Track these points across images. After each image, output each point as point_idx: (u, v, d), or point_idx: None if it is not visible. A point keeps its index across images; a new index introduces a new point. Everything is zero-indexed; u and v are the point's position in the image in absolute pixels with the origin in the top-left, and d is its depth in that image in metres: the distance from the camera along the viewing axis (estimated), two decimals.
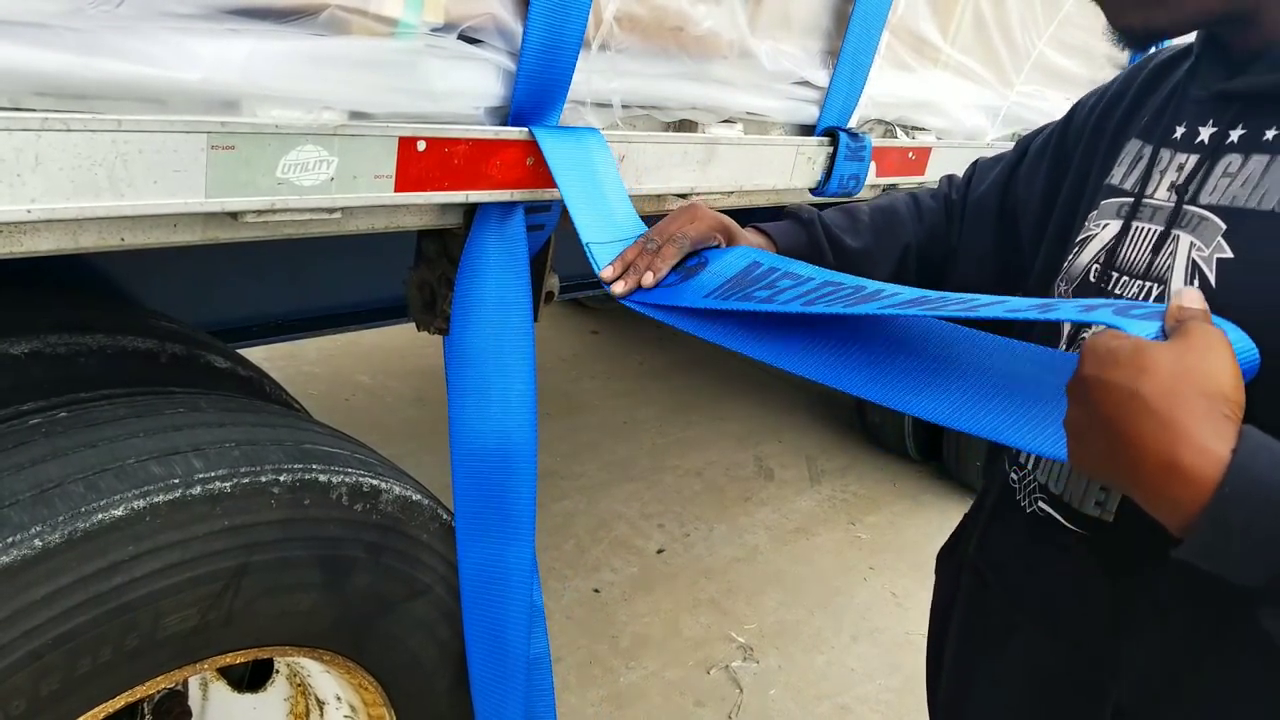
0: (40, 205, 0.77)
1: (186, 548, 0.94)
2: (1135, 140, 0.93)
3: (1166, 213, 0.84)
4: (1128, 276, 0.86)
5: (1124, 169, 0.92)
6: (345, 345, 3.97)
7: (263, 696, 1.42)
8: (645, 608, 2.70)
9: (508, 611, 1.30)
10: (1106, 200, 0.92)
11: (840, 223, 1.22)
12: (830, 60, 1.64)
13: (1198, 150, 0.84)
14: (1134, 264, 0.86)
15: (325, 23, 0.90)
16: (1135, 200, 0.88)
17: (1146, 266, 0.85)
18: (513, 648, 1.33)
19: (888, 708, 2.49)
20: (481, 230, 1.18)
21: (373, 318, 1.86)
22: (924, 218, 1.24)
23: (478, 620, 1.28)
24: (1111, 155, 0.96)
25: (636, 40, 1.25)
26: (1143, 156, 0.91)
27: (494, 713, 1.34)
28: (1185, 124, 0.87)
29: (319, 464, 1.06)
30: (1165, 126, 0.89)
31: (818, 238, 1.19)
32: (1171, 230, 0.83)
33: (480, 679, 1.32)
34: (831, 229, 1.20)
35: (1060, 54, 2.35)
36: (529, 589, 1.33)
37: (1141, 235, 0.86)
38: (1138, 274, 0.85)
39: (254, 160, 0.88)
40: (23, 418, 0.98)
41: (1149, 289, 0.84)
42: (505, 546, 1.28)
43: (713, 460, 3.63)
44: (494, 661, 1.32)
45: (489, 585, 1.27)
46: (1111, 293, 0.87)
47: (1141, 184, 0.88)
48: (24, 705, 0.87)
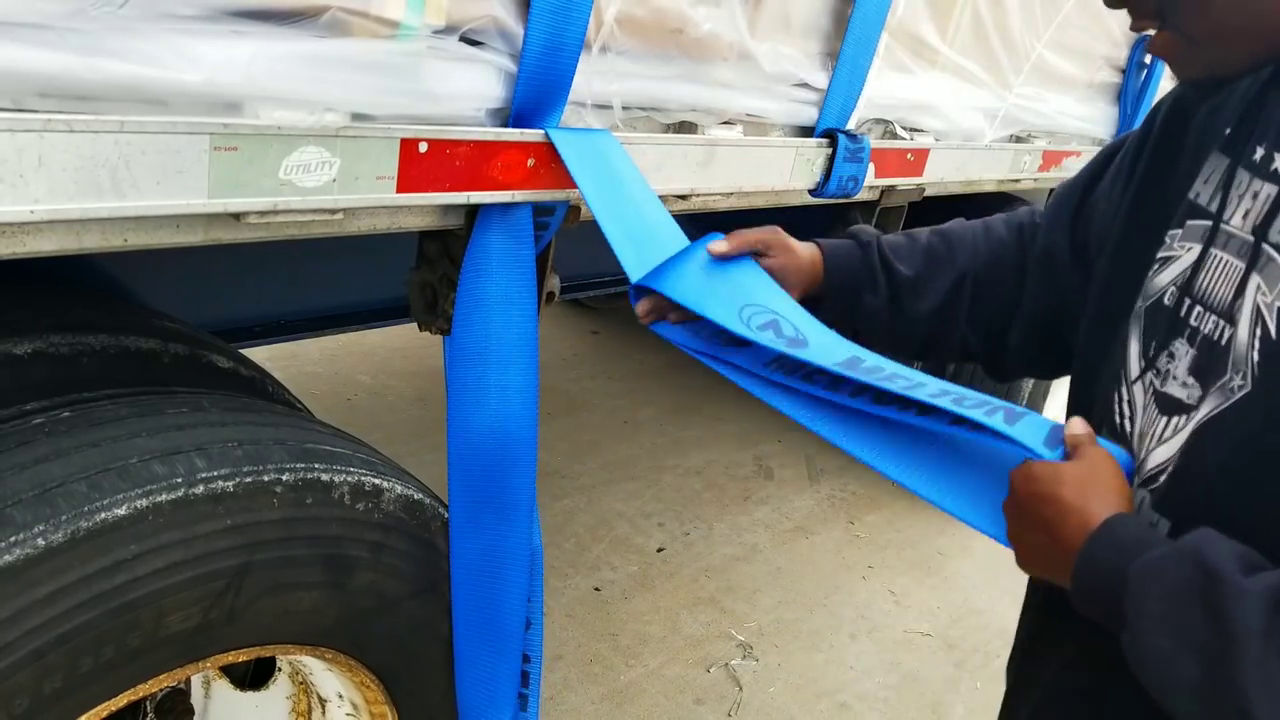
0: (43, 206, 0.77)
1: (189, 547, 0.95)
2: (1218, 154, 0.88)
3: (1246, 248, 0.80)
4: (1202, 308, 0.83)
5: (1206, 186, 0.88)
6: (347, 345, 3.97)
7: (265, 695, 1.42)
8: (645, 606, 2.70)
9: (503, 604, 1.31)
10: (1191, 221, 0.88)
11: (898, 247, 1.22)
12: (829, 62, 1.65)
13: (1273, 179, 0.80)
14: (1212, 297, 0.83)
15: (327, 24, 0.91)
16: (1214, 224, 0.84)
17: (1225, 305, 0.81)
18: (507, 641, 1.33)
19: (886, 705, 2.49)
20: (483, 231, 1.19)
21: (374, 318, 1.86)
22: (990, 241, 1.21)
23: (470, 612, 1.28)
24: (1194, 167, 0.90)
25: (637, 42, 1.25)
26: (1222, 174, 0.86)
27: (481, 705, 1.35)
28: (1265, 145, 0.82)
29: (321, 463, 1.07)
30: (1246, 144, 0.84)
31: (872, 261, 1.20)
32: (1250, 272, 0.79)
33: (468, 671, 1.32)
34: (887, 254, 1.21)
35: (1059, 56, 2.35)
36: (525, 583, 1.33)
37: (1220, 267, 0.83)
38: (1215, 309, 0.82)
39: (256, 161, 0.88)
40: (26, 417, 0.99)
41: (1222, 328, 0.81)
42: (502, 541, 1.28)
43: (712, 459, 3.63)
44: (485, 654, 1.32)
45: (484, 578, 1.28)
46: (1187, 322, 0.85)
47: (1220, 206, 0.84)
48: (27, 703, 0.88)
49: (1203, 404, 0.81)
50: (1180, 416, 0.83)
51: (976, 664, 2.74)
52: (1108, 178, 1.08)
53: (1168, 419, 0.85)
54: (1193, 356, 0.83)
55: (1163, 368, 0.87)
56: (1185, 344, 0.85)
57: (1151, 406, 0.87)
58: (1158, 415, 0.86)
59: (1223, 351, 0.80)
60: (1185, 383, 0.84)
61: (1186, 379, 0.83)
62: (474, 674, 1.33)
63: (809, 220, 2.60)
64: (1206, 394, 0.81)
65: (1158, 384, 0.87)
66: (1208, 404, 0.80)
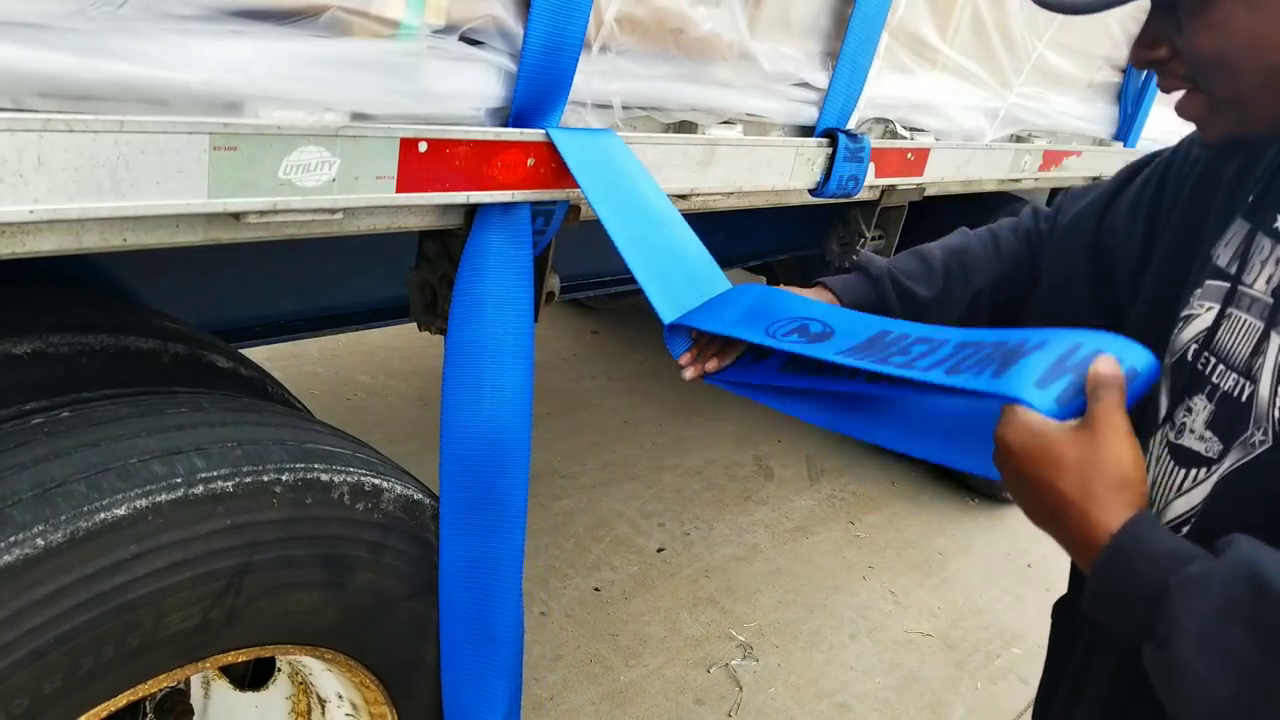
0: (43, 206, 0.77)
1: (189, 547, 0.95)
2: (1240, 220, 0.90)
3: (1266, 309, 0.82)
4: (1224, 365, 0.85)
5: (1226, 250, 0.90)
6: (347, 345, 3.97)
7: (265, 695, 1.42)
8: (645, 606, 2.70)
9: (495, 606, 1.30)
10: (1211, 281, 0.90)
11: (911, 271, 1.22)
12: (829, 62, 1.65)
13: None
14: (1231, 354, 0.85)
15: (327, 24, 0.91)
16: (1233, 286, 0.86)
17: (1244, 363, 0.83)
18: (501, 640, 1.33)
19: (886, 705, 2.49)
20: (482, 230, 1.19)
21: (374, 318, 1.86)
22: (1002, 255, 1.22)
23: (459, 613, 1.28)
24: (1218, 230, 0.92)
25: (637, 42, 1.25)
26: (1243, 239, 0.88)
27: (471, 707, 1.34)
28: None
29: (321, 463, 1.07)
30: (1266, 211, 0.86)
31: (886, 294, 1.21)
32: (1270, 331, 0.81)
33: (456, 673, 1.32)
34: (902, 281, 1.21)
35: (1059, 56, 2.35)
36: (518, 584, 1.33)
37: (1239, 326, 0.85)
38: (1235, 366, 0.84)
39: (256, 161, 0.88)
40: (25, 417, 0.98)
41: (1242, 385, 0.83)
42: (495, 541, 1.28)
43: (712, 459, 3.63)
44: (475, 656, 1.32)
45: (474, 578, 1.28)
46: (1209, 378, 0.86)
47: (1239, 268, 0.86)
48: (27, 703, 0.88)
49: (1225, 458, 0.83)
50: (1199, 469, 0.86)
51: (977, 664, 2.74)
52: (1126, 202, 1.10)
53: (1185, 471, 0.87)
54: (1211, 411, 0.86)
55: (1179, 421, 0.89)
56: (1204, 399, 0.87)
57: (1166, 459, 0.90)
58: (1174, 467, 0.89)
59: (1244, 408, 0.82)
60: (1203, 436, 0.86)
61: (1204, 433, 0.86)
62: (463, 676, 1.32)
63: (809, 220, 2.60)
64: (1229, 448, 0.83)
65: (1172, 436, 0.89)
66: (1230, 458, 0.83)
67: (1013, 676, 2.71)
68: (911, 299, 1.20)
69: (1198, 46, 0.78)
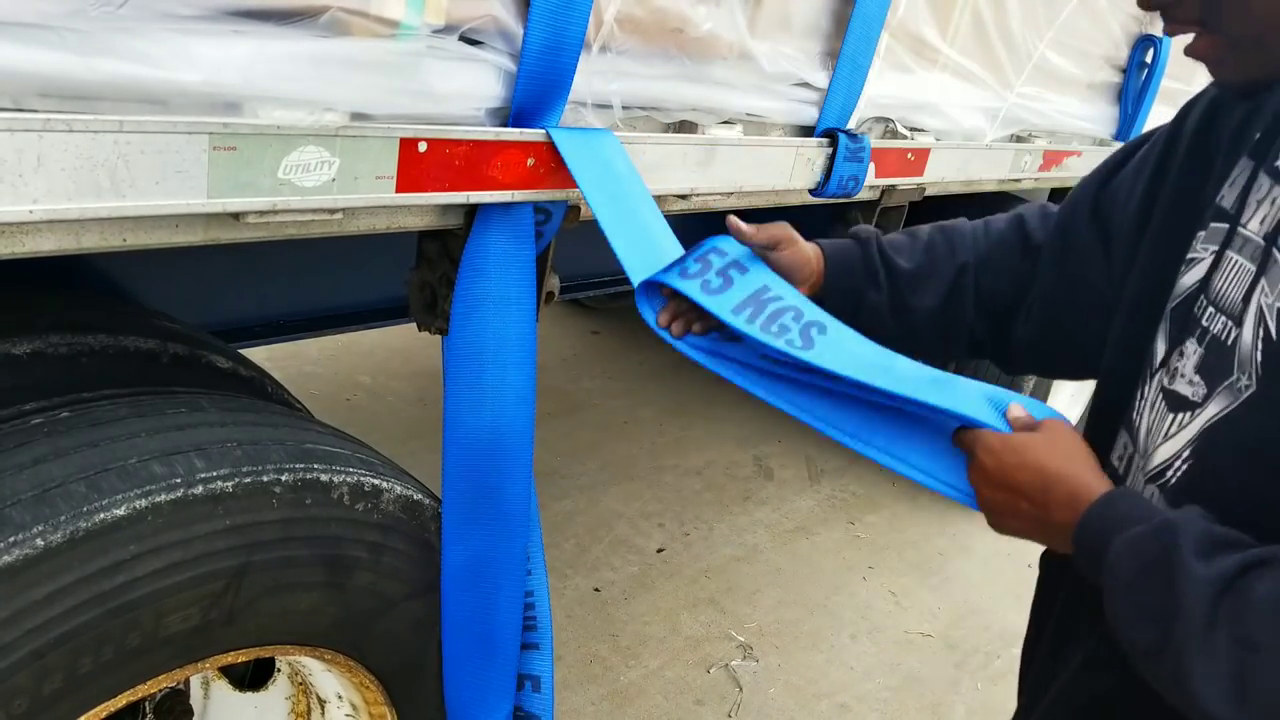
0: (42, 206, 0.77)
1: (188, 547, 0.95)
2: (1245, 159, 0.89)
3: (1259, 251, 0.81)
4: (1215, 308, 0.85)
5: (1231, 190, 0.89)
6: (346, 345, 3.97)
7: (264, 695, 1.42)
8: (645, 606, 2.70)
9: (496, 607, 1.30)
10: (1214, 224, 0.89)
11: (897, 243, 1.23)
12: (829, 62, 1.65)
13: None
14: (1224, 298, 0.84)
15: (327, 24, 0.91)
16: (1231, 227, 0.86)
17: (1235, 307, 0.83)
18: (500, 646, 1.33)
19: (886, 706, 2.49)
20: (482, 230, 1.18)
21: (374, 318, 1.86)
22: (990, 234, 1.22)
23: (461, 614, 1.28)
24: (1224, 172, 0.91)
25: (637, 42, 1.25)
26: (1246, 178, 0.87)
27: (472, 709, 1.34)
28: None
29: (321, 464, 1.07)
30: (1270, 149, 0.85)
31: (872, 256, 1.21)
32: (1261, 276, 0.80)
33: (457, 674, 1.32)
34: (887, 250, 1.22)
35: (1060, 55, 2.35)
36: (520, 586, 1.33)
37: (1233, 269, 0.84)
38: (1225, 310, 0.84)
39: (256, 161, 0.88)
40: (25, 417, 0.98)
41: (1230, 329, 0.82)
42: (498, 541, 1.28)
43: (712, 460, 3.63)
44: (477, 658, 1.32)
45: (476, 579, 1.28)
46: (1200, 321, 0.86)
47: (1239, 208, 0.86)
48: (26, 704, 0.88)
49: (1209, 403, 0.82)
50: (1185, 414, 0.85)
51: (977, 664, 2.73)
52: (1130, 167, 1.09)
53: (1173, 415, 0.87)
54: (1200, 355, 0.85)
55: (1173, 365, 0.88)
56: (1195, 343, 0.86)
57: (1160, 403, 0.89)
58: (1166, 411, 0.88)
59: (1229, 352, 0.81)
60: (1191, 380, 0.85)
61: (1193, 377, 0.85)
62: (464, 678, 1.32)
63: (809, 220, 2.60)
64: (1213, 393, 0.82)
65: (1166, 381, 0.89)
66: (1215, 403, 0.82)
67: (1013, 677, 2.69)
68: (892, 267, 1.21)
69: None
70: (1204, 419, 0.83)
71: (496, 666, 1.34)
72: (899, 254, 1.21)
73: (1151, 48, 2.67)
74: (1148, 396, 0.92)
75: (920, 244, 1.23)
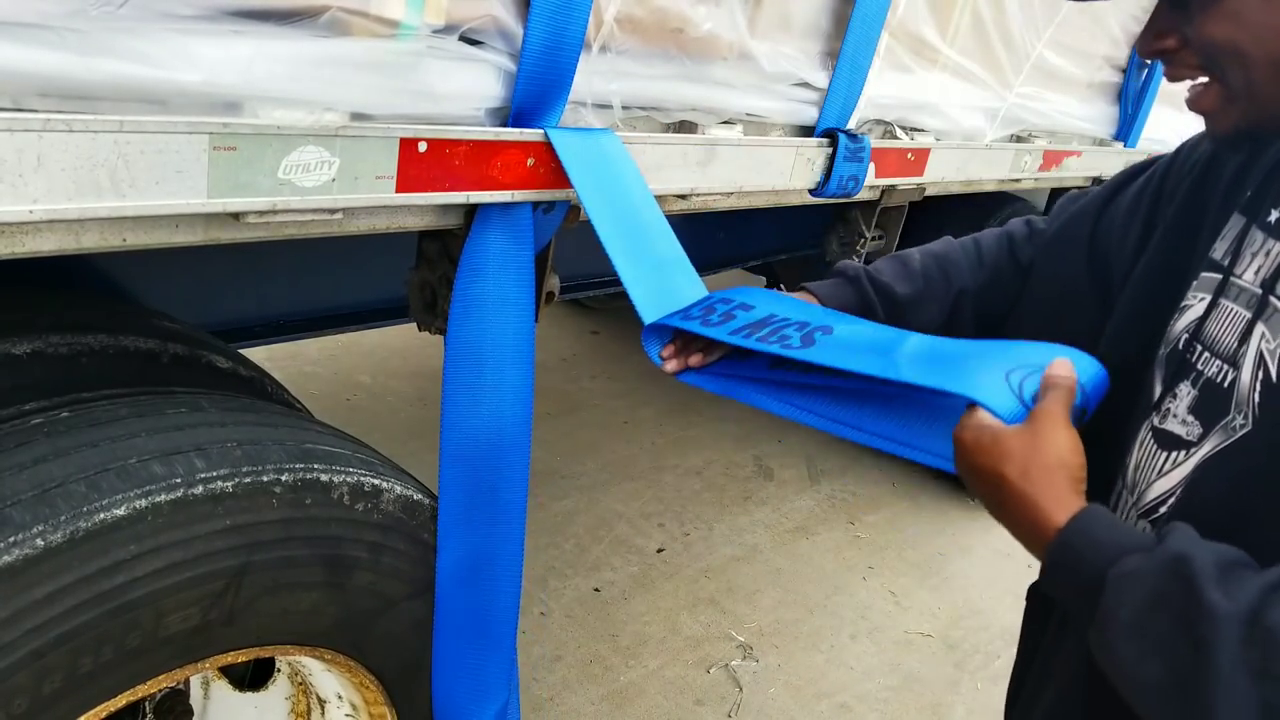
0: (42, 206, 0.77)
1: (188, 547, 0.95)
2: (1238, 215, 0.91)
3: (1254, 300, 0.84)
4: (1209, 353, 0.87)
5: (1223, 243, 0.91)
6: (346, 345, 3.97)
7: (264, 695, 1.42)
8: (645, 606, 2.70)
9: (492, 607, 1.30)
10: (1205, 274, 0.91)
11: (888, 271, 1.23)
12: (829, 62, 1.65)
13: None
14: (1217, 342, 0.87)
15: (327, 24, 0.91)
16: (1224, 277, 0.88)
17: (1230, 352, 0.85)
18: (496, 645, 1.33)
19: (886, 706, 2.49)
20: (481, 230, 1.18)
21: (374, 318, 1.86)
22: (984, 260, 1.23)
23: (455, 613, 1.28)
24: (1217, 226, 0.94)
25: (637, 42, 1.25)
26: (1238, 233, 0.89)
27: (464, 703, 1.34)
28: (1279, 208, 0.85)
29: (321, 464, 1.07)
30: (1263, 206, 0.88)
31: (865, 292, 1.21)
32: (1256, 321, 0.83)
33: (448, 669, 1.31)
34: (879, 280, 1.21)
35: (1059, 55, 2.35)
36: (517, 586, 1.33)
37: (1227, 316, 0.86)
38: (1220, 354, 0.86)
39: (255, 161, 0.88)
40: (25, 417, 0.98)
41: (1225, 371, 0.84)
42: (494, 541, 1.28)
43: (712, 460, 3.63)
44: (470, 658, 1.31)
45: (472, 579, 1.28)
46: (1194, 365, 0.88)
47: (1231, 260, 0.88)
48: (26, 704, 0.88)
49: (1205, 441, 0.85)
50: (1179, 452, 0.88)
51: (977, 665, 2.73)
52: (1125, 202, 1.11)
53: (1166, 454, 0.89)
54: (1194, 397, 0.88)
55: (1165, 406, 0.91)
56: (1189, 385, 0.89)
57: (1150, 442, 0.92)
58: (1156, 450, 0.91)
59: (1225, 393, 0.84)
60: (1185, 420, 0.88)
61: (1186, 417, 0.88)
62: (455, 676, 1.32)
63: (810, 220, 2.60)
64: (1209, 432, 0.85)
65: (1157, 421, 0.91)
66: (1210, 441, 0.85)
67: None
68: (890, 296, 1.20)
69: (1209, 35, 0.79)
70: (1200, 456, 0.85)
71: (491, 665, 1.34)
72: (894, 282, 1.21)
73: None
74: (1137, 436, 0.94)
75: (915, 270, 1.22)
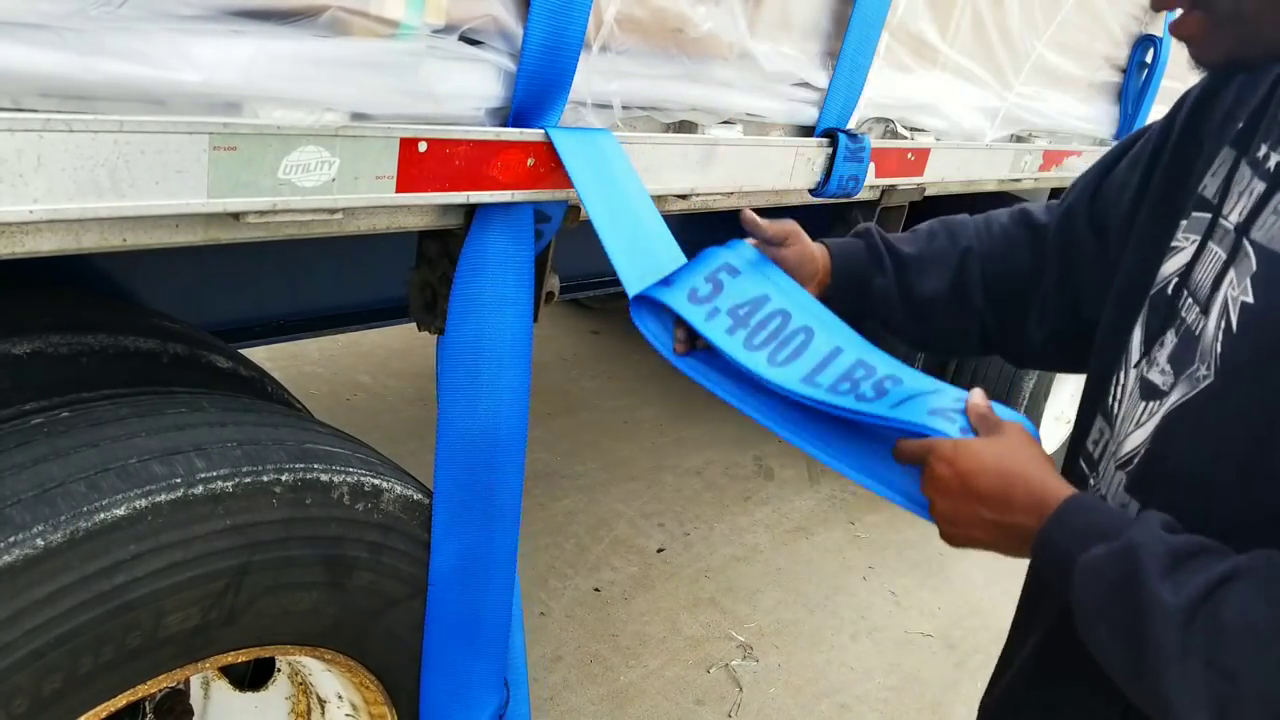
0: (42, 206, 0.77)
1: (188, 547, 0.95)
2: (1228, 148, 0.89)
3: (1231, 243, 0.82)
4: (1192, 299, 0.85)
5: (1214, 179, 0.89)
6: (346, 345, 3.97)
7: (264, 695, 1.42)
8: (645, 606, 2.70)
9: (484, 608, 1.30)
10: (1196, 213, 0.89)
11: (899, 236, 1.26)
12: (829, 62, 1.65)
13: (1265, 178, 0.81)
14: (1199, 288, 0.85)
15: (327, 24, 0.91)
16: (1214, 218, 0.86)
17: (1205, 298, 0.83)
18: (487, 647, 1.32)
19: (886, 706, 2.49)
20: (481, 230, 1.18)
21: (374, 318, 1.86)
22: (993, 225, 1.24)
23: (447, 614, 1.28)
24: (1208, 161, 0.92)
25: (637, 41, 1.25)
26: (1229, 168, 0.87)
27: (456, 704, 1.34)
28: (1268, 144, 0.82)
29: (321, 463, 1.07)
30: (1252, 140, 0.85)
31: (875, 245, 1.23)
32: (1229, 266, 0.81)
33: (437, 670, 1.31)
34: (889, 238, 1.25)
35: (1059, 55, 2.35)
36: (510, 587, 1.33)
37: (1211, 260, 0.84)
38: (1199, 301, 0.84)
39: (256, 161, 0.88)
40: (25, 417, 0.98)
41: (1198, 319, 0.83)
42: (489, 541, 1.28)
43: (712, 460, 3.63)
44: (461, 659, 1.31)
45: (465, 580, 1.27)
46: (1179, 311, 0.87)
47: (1221, 198, 0.86)
48: (26, 704, 0.88)
49: (1173, 391, 0.84)
50: (1155, 402, 0.86)
51: (977, 665, 2.73)
52: (1126, 160, 1.09)
53: (1144, 404, 0.88)
54: (1174, 345, 0.86)
55: (1153, 355, 0.89)
56: (1173, 333, 0.87)
57: (1135, 391, 0.91)
58: (1138, 399, 0.89)
59: (1195, 342, 0.82)
60: (1163, 369, 0.87)
61: (1165, 366, 0.86)
62: (446, 676, 1.31)
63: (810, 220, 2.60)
64: (1177, 382, 0.84)
65: (1144, 370, 0.90)
66: (1176, 392, 0.83)
67: None
68: (895, 253, 1.23)
69: None
70: (1167, 407, 0.84)
71: (482, 666, 1.34)
72: (901, 243, 1.24)
73: (1151, 47, 2.67)
74: (1126, 384, 0.93)
75: (921, 234, 1.26)
